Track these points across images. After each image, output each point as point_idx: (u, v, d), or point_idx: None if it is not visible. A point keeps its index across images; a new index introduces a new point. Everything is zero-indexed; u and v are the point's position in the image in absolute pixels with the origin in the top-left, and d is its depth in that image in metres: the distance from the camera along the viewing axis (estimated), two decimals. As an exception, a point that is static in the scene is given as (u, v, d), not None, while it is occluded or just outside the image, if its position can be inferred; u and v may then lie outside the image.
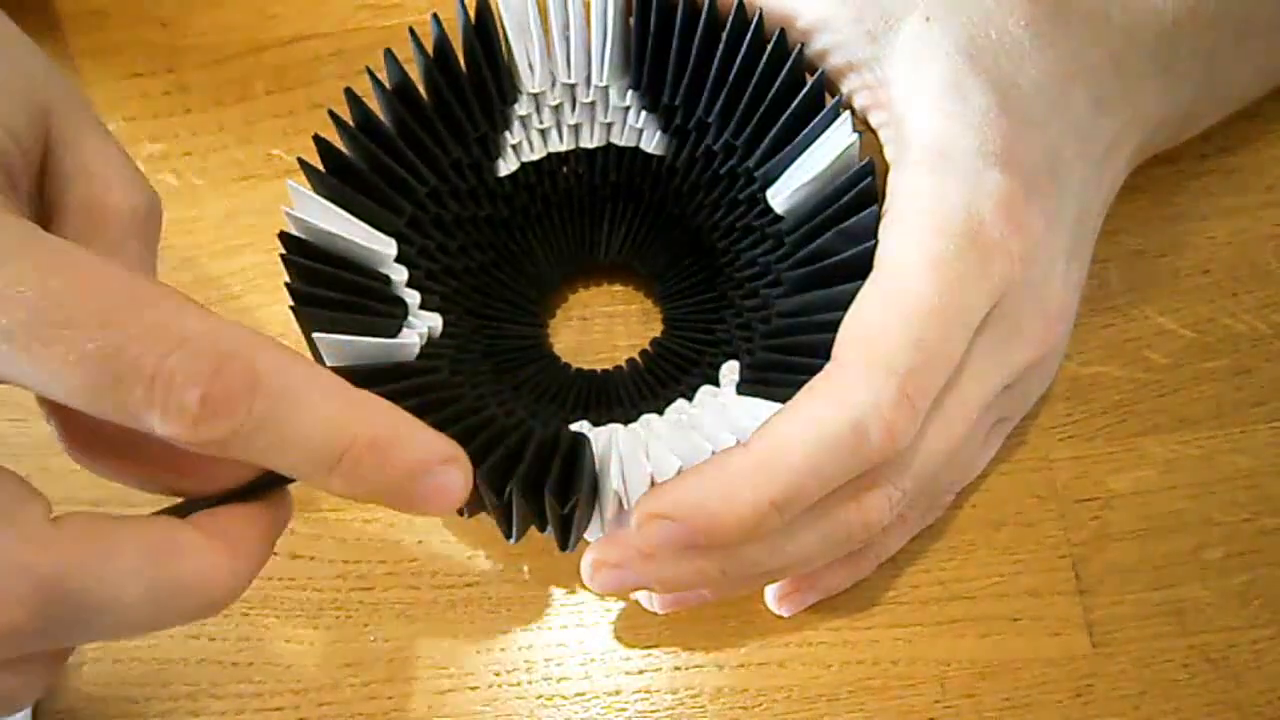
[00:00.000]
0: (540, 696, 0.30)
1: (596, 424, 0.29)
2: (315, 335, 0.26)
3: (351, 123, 0.29)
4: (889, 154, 0.28)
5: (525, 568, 0.31)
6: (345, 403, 0.21)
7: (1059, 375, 0.33)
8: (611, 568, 0.27)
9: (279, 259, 0.27)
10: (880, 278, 0.26)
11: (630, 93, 0.31)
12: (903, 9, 0.28)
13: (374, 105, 0.30)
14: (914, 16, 0.28)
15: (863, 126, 0.29)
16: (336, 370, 0.26)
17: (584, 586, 0.30)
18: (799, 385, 0.26)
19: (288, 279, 0.27)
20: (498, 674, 0.30)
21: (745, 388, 0.28)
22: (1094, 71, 0.28)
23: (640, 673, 0.30)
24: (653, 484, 0.26)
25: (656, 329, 0.34)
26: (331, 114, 0.29)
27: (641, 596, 0.30)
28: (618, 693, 0.30)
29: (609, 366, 0.33)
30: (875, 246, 0.27)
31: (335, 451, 0.20)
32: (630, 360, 0.33)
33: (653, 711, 0.30)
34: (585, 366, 0.33)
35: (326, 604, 0.31)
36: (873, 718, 0.29)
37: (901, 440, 0.24)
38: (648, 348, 0.33)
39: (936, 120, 0.27)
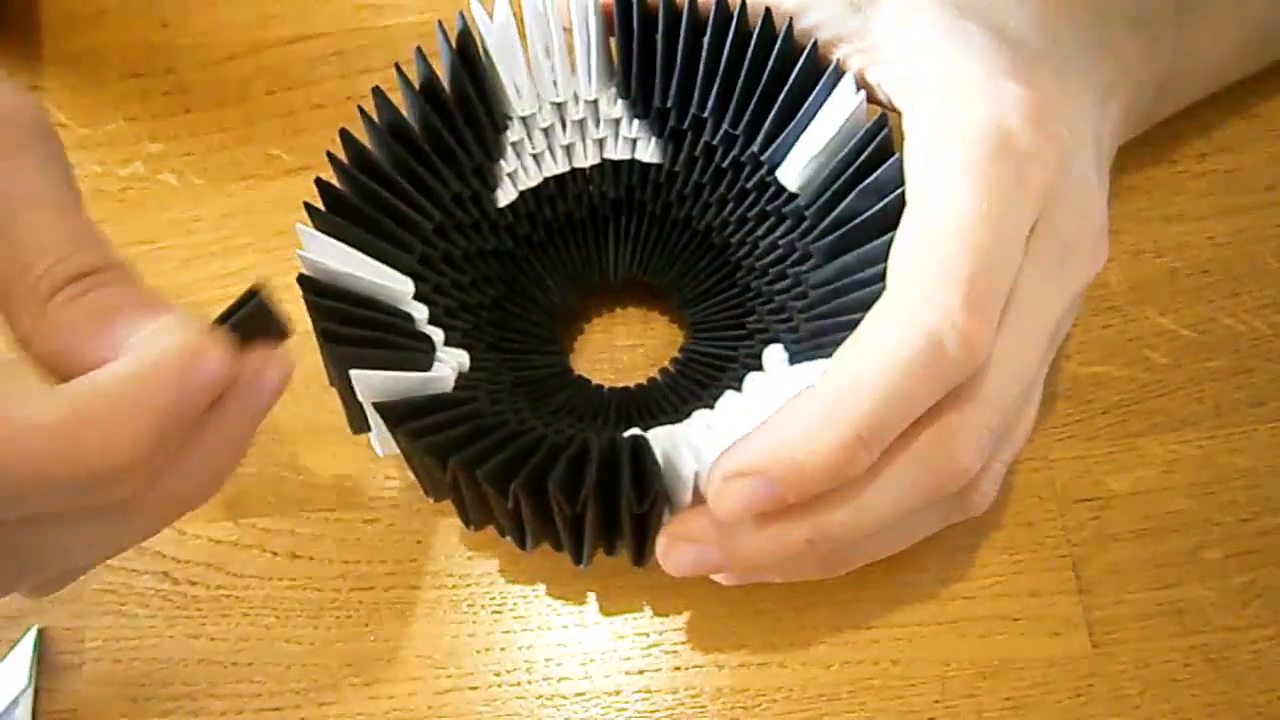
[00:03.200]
0: (540, 696, 0.30)
1: (645, 430, 0.28)
2: (353, 372, 0.26)
3: (348, 161, 0.29)
4: (898, 98, 0.28)
5: (525, 568, 0.31)
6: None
7: (1059, 375, 0.33)
8: (689, 542, 0.25)
9: (294, 279, 0.27)
10: (919, 201, 0.25)
11: (620, 102, 0.31)
12: None
13: (370, 136, 0.29)
14: None
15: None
16: (376, 407, 0.26)
17: (586, 587, 0.31)
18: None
19: (312, 321, 0.26)
20: (498, 674, 0.30)
21: (799, 359, 0.28)
22: (1076, 24, 0.29)
23: (640, 673, 0.30)
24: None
25: (679, 334, 0.34)
26: (330, 157, 0.28)
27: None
28: (618, 693, 0.30)
29: (615, 371, 0.33)
30: (902, 195, 0.26)
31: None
32: (662, 370, 0.32)
33: (653, 711, 0.30)
34: (587, 369, 0.33)
35: (326, 604, 0.31)
36: (873, 718, 0.29)
37: (980, 349, 0.23)
38: (678, 355, 0.32)
39: (942, 58, 0.27)
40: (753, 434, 0.24)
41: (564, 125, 0.32)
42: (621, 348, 0.34)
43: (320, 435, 0.33)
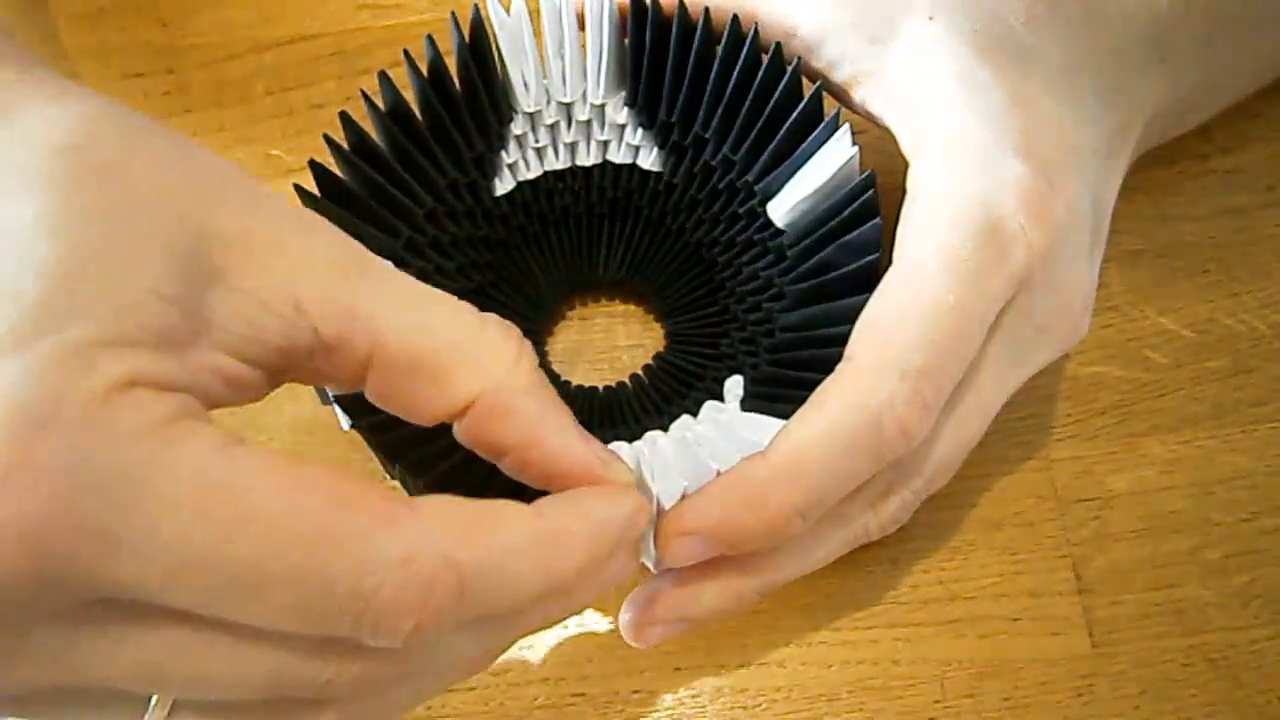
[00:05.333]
0: (539, 697, 0.30)
1: (602, 443, 0.29)
2: None
3: (347, 146, 0.29)
4: (906, 149, 0.28)
5: (525, 568, 0.31)
6: (544, 552, 0.20)
7: (1059, 375, 0.33)
8: (658, 625, 0.27)
9: None
10: (897, 273, 0.26)
11: (626, 110, 0.31)
12: (902, 11, 0.28)
13: (370, 126, 0.29)
14: (915, 17, 0.28)
15: (876, 128, 0.29)
16: (338, 399, 0.27)
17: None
18: (803, 400, 0.25)
19: None
20: (497, 674, 0.30)
21: (749, 403, 0.28)
22: (1096, 64, 0.29)
23: (640, 673, 0.30)
24: (659, 506, 0.26)
25: (657, 331, 0.34)
26: (327, 139, 0.29)
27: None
28: (617, 693, 0.30)
29: (607, 367, 0.33)
30: (879, 259, 0.27)
31: (546, 595, 0.20)
32: (634, 376, 0.33)
33: (653, 711, 0.30)
34: (585, 367, 0.33)
35: (326, 604, 0.31)
36: (873, 718, 0.29)
37: (915, 437, 0.24)
38: (650, 362, 0.33)
39: (952, 112, 0.27)
40: (703, 493, 0.25)
41: (569, 123, 0.32)
42: (599, 329, 0.34)
43: (319, 435, 0.33)
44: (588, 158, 0.32)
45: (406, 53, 0.30)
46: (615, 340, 0.34)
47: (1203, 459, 0.32)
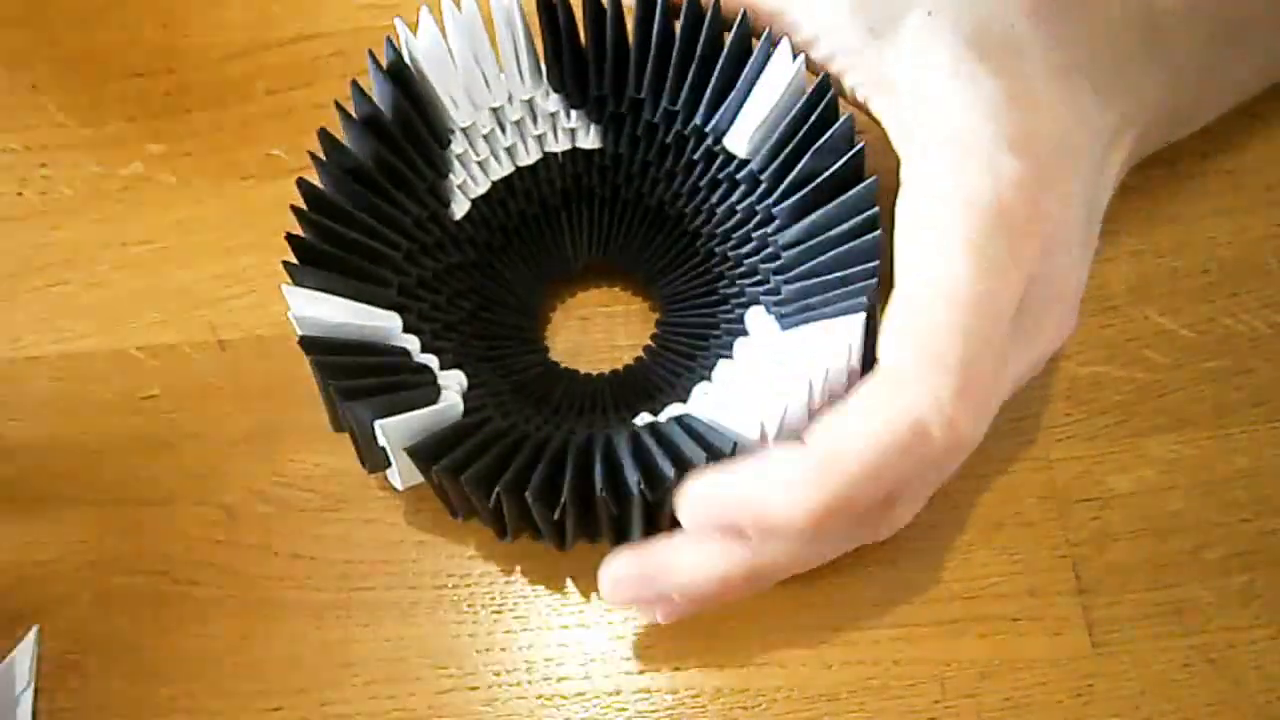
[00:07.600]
0: (540, 696, 0.30)
1: (655, 414, 0.29)
2: (378, 423, 0.26)
3: (308, 208, 0.29)
4: (899, 145, 0.28)
5: (525, 568, 0.31)
6: None
7: (1059, 375, 0.33)
8: (635, 579, 0.27)
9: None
10: (912, 273, 0.26)
11: (554, 95, 0.32)
12: (903, 4, 0.28)
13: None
14: (916, 11, 0.28)
15: (867, 120, 0.29)
16: (409, 451, 0.27)
17: (587, 587, 0.31)
18: (842, 299, 0.26)
19: (320, 380, 0.27)
20: (498, 674, 0.30)
21: (788, 323, 0.28)
22: (1094, 62, 0.29)
23: (640, 673, 0.30)
24: (785, 411, 0.26)
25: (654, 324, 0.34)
26: (294, 209, 0.29)
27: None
28: (617, 693, 0.30)
29: (608, 368, 0.33)
30: (861, 154, 0.27)
31: None
32: (646, 348, 0.33)
33: (653, 711, 0.30)
34: (586, 368, 0.33)
35: (326, 604, 0.31)
36: (873, 718, 0.29)
37: (966, 436, 0.24)
38: (656, 331, 0.33)
39: (949, 108, 0.27)
40: (742, 475, 0.25)
41: (503, 128, 0.32)
42: (599, 328, 0.34)
43: (319, 434, 0.33)
44: (527, 156, 0.32)
45: (338, 104, 0.30)
46: (615, 340, 0.34)
47: (1203, 459, 0.32)
